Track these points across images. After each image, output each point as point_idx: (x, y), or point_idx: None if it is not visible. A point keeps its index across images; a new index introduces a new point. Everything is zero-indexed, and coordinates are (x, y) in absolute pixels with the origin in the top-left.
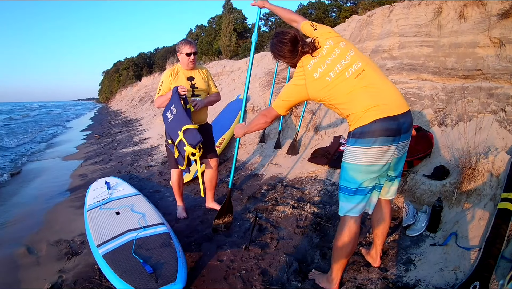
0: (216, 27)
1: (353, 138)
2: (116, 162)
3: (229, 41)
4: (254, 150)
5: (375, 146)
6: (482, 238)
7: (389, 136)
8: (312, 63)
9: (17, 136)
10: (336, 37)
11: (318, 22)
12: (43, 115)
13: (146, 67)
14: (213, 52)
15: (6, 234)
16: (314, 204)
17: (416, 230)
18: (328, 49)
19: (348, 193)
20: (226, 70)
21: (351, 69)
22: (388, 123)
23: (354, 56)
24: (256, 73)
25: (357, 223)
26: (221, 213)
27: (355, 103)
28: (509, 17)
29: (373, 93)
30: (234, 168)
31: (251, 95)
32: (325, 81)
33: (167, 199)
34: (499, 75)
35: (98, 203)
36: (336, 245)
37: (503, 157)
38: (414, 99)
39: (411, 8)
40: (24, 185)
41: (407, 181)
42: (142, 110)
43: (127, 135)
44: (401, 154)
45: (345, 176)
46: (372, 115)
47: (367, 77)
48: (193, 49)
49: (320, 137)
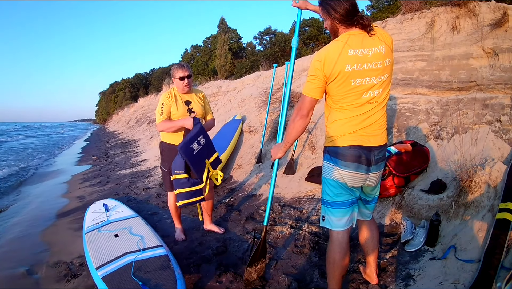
0: (211, 47)
1: (328, 155)
2: (114, 184)
3: (225, 60)
4: (251, 170)
5: (347, 169)
6: (481, 250)
7: (360, 164)
8: (355, 52)
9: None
10: (389, 50)
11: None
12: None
13: (142, 88)
14: (208, 72)
15: (5, 255)
16: (312, 223)
17: (414, 245)
18: (375, 55)
19: (329, 206)
20: (222, 91)
21: (371, 92)
22: (361, 152)
23: (385, 82)
24: (251, 93)
25: (345, 237)
26: (255, 259)
27: (341, 122)
28: (501, 26)
29: (360, 122)
30: (270, 201)
31: (247, 115)
32: (348, 82)
33: (165, 221)
34: (493, 85)
35: (96, 225)
36: (328, 261)
37: (499, 167)
38: (409, 114)
39: (404, 22)
40: (23, 206)
41: (404, 197)
42: (139, 131)
43: (125, 157)
44: (375, 183)
45: (325, 189)
46: (348, 140)
47: (372, 110)
48: (186, 73)
49: (316, 156)
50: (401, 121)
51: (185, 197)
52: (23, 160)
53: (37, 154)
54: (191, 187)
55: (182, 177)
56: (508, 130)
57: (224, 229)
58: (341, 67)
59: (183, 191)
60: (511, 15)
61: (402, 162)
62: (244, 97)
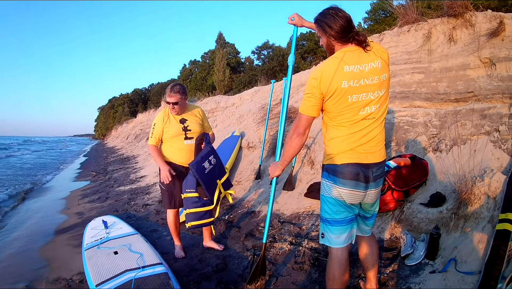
0: (209, 62)
1: (326, 173)
2: (113, 200)
3: (223, 76)
4: (251, 187)
5: (345, 187)
6: (482, 261)
7: (359, 181)
8: (351, 69)
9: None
10: (385, 65)
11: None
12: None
13: (141, 103)
14: (207, 88)
15: (5, 270)
16: (312, 239)
17: (414, 259)
18: (371, 70)
19: (328, 224)
20: (220, 106)
21: (368, 108)
22: (359, 170)
23: (383, 97)
24: (250, 109)
25: (344, 254)
26: (254, 276)
27: (339, 140)
28: (498, 35)
29: (358, 139)
30: (269, 219)
31: (246, 131)
32: (345, 98)
33: (165, 238)
34: (491, 95)
35: (96, 242)
36: (328, 278)
37: (499, 177)
38: (408, 127)
39: (401, 35)
40: (22, 221)
41: (403, 211)
42: (138, 147)
43: (124, 173)
44: (373, 200)
45: (324, 207)
46: (346, 158)
47: (370, 126)
48: (172, 99)
49: (315, 172)
50: (400, 134)
51: (195, 218)
52: (32, 176)
53: (46, 169)
54: (201, 207)
55: (192, 196)
56: (506, 140)
57: (223, 246)
58: (337, 84)
59: (193, 211)
60: (507, 23)
61: (401, 176)
62: (242, 113)
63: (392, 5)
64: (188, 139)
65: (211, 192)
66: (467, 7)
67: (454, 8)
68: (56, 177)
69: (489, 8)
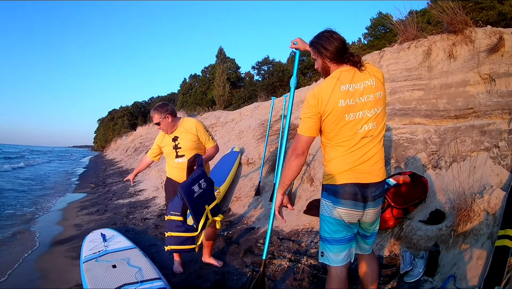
0: (209, 76)
1: (326, 193)
2: (111, 213)
3: (223, 90)
4: (250, 203)
5: (344, 207)
6: (481, 277)
7: (357, 201)
8: (347, 87)
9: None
10: (380, 83)
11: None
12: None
13: (141, 116)
14: (207, 102)
15: (3, 282)
16: (311, 256)
17: (414, 276)
18: (366, 88)
19: (327, 243)
20: (220, 122)
21: (366, 126)
22: (357, 189)
23: (380, 115)
24: (250, 125)
25: (343, 272)
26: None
27: (338, 160)
28: (497, 51)
29: (357, 158)
30: (269, 236)
31: (245, 148)
32: (342, 117)
33: (163, 253)
34: (491, 111)
35: (94, 255)
36: None
37: (498, 194)
38: (408, 145)
39: (401, 52)
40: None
41: (403, 228)
42: (137, 160)
43: (123, 186)
44: (372, 219)
45: (323, 226)
46: (345, 178)
47: (369, 144)
48: (153, 120)
49: (315, 189)
50: (399, 152)
51: (175, 242)
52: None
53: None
54: (184, 232)
55: (177, 219)
56: (506, 156)
57: (222, 262)
58: (334, 103)
59: (175, 235)
60: (507, 39)
61: (400, 193)
62: (242, 128)
63: (392, 21)
64: (179, 158)
65: (197, 218)
66: (467, 23)
67: (454, 24)
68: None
69: (488, 22)
